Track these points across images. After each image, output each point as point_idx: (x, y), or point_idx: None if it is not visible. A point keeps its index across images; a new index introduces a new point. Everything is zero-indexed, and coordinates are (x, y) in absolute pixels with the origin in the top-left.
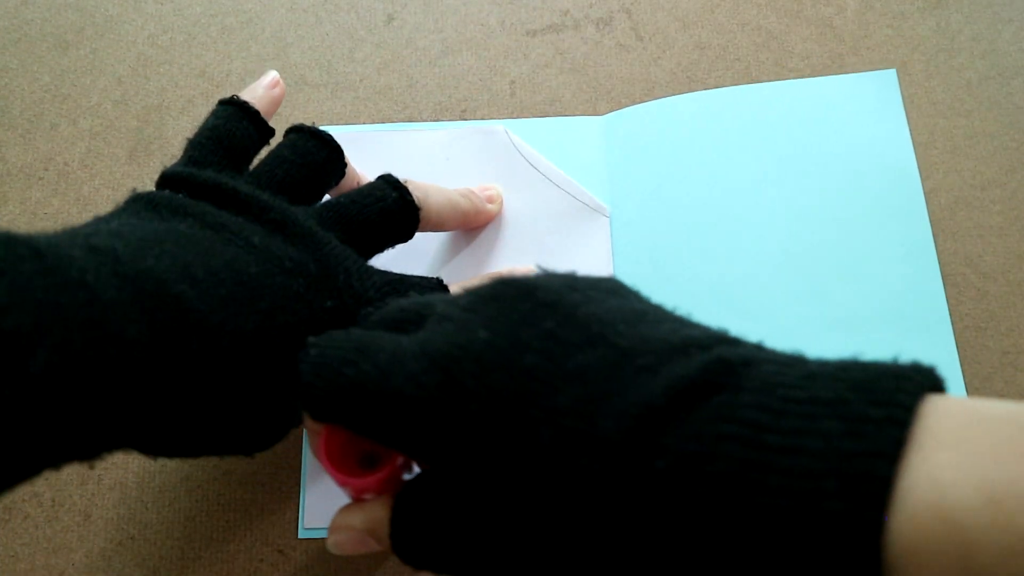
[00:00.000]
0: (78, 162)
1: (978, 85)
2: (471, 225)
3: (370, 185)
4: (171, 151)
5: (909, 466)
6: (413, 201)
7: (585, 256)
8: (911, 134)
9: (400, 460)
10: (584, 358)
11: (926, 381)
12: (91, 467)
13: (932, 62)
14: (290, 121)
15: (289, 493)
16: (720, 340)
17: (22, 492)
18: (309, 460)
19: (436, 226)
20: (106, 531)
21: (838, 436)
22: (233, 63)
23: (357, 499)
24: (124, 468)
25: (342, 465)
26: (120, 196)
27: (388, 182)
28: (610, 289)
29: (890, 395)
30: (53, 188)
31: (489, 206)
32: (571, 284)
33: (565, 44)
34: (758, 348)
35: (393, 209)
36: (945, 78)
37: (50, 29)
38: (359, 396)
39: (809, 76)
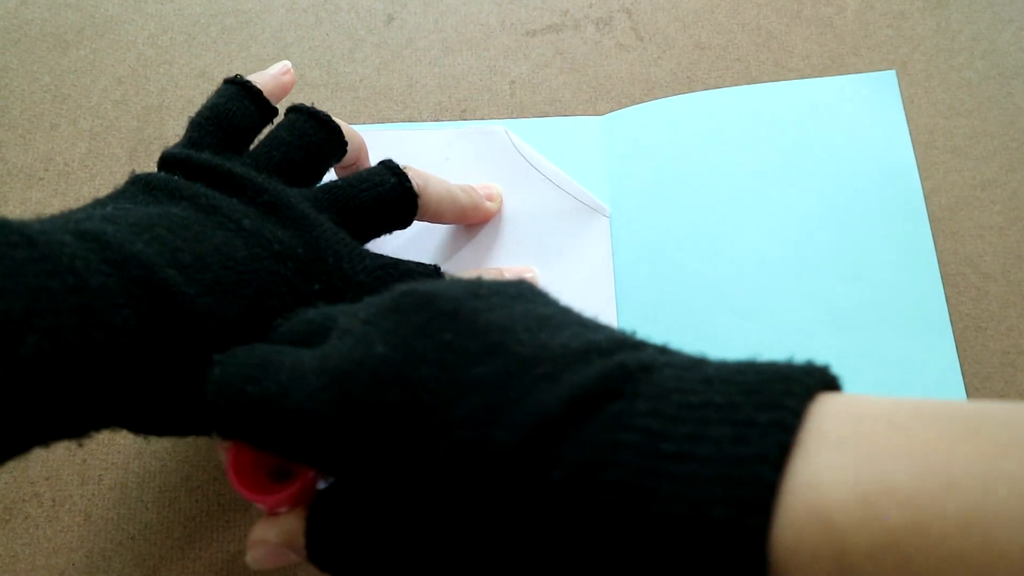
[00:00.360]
0: (78, 162)
1: (978, 85)
2: (469, 220)
3: (369, 170)
4: None
5: (792, 469)
6: (412, 188)
7: (585, 256)
8: (911, 134)
9: (311, 473)
10: (482, 369)
11: (816, 381)
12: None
13: (932, 62)
14: None
15: None
16: (622, 345)
17: (22, 492)
18: None
19: (434, 216)
20: (106, 531)
21: (727, 442)
22: (233, 63)
23: (272, 513)
24: (124, 468)
25: (253, 482)
26: None
27: (388, 167)
28: (516, 294)
29: (778, 398)
30: (53, 188)
31: (488, 204)
32: (474, 291)
33: (565, 44)
34: (661, 351)
35: (391, 195)
36: (945, 78)
37: (50, 29)
38: (261, 413)
39: (809, 76)
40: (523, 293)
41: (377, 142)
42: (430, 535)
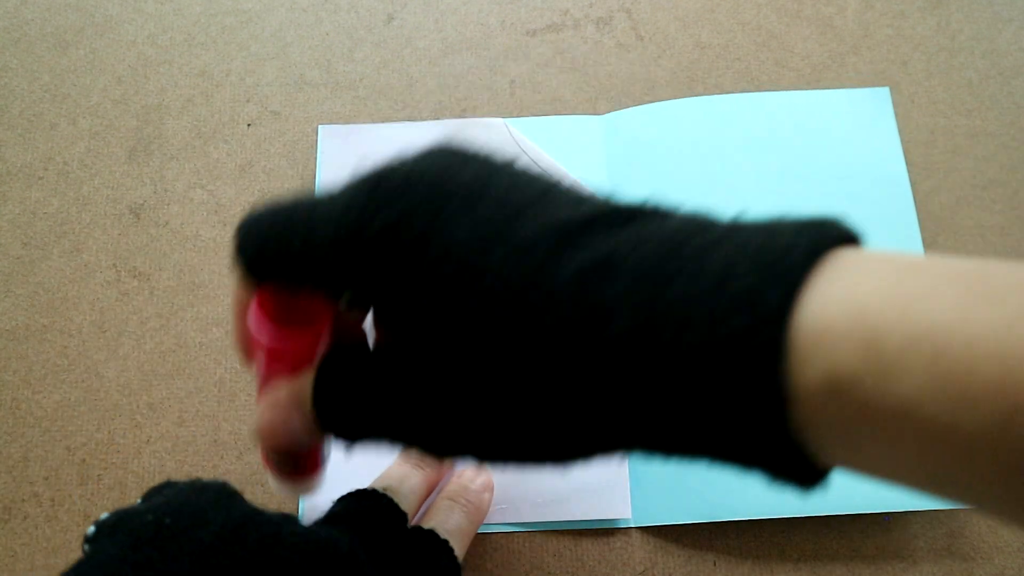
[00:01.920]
0: (78, 162)
1: (978, 85)
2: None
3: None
4: (170, 151)
5: (824, 272)
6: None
7: None
8: (911, 135)
9: (325, 329)
10: (509, 189)
11: (846, 231)
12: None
13: (932, 62)
14: (290, 121)
15: (290, 510)
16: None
17: (21, 492)
18: None
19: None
20: None
21: (756, 241)
22: (233, 63)
23: (276, 379)
24: (124, 468)
25: (272, 326)
26: (120, 196)
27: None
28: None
29: (808, 225)
30: (53, 188)
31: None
32: (508, 158)
33: (565, 44)
34: None
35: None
36: (945, 78)
37: (50, 29)
38: (293, 229)
39: (809, 75)
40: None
41: (376, 138)
42: (435, 361)
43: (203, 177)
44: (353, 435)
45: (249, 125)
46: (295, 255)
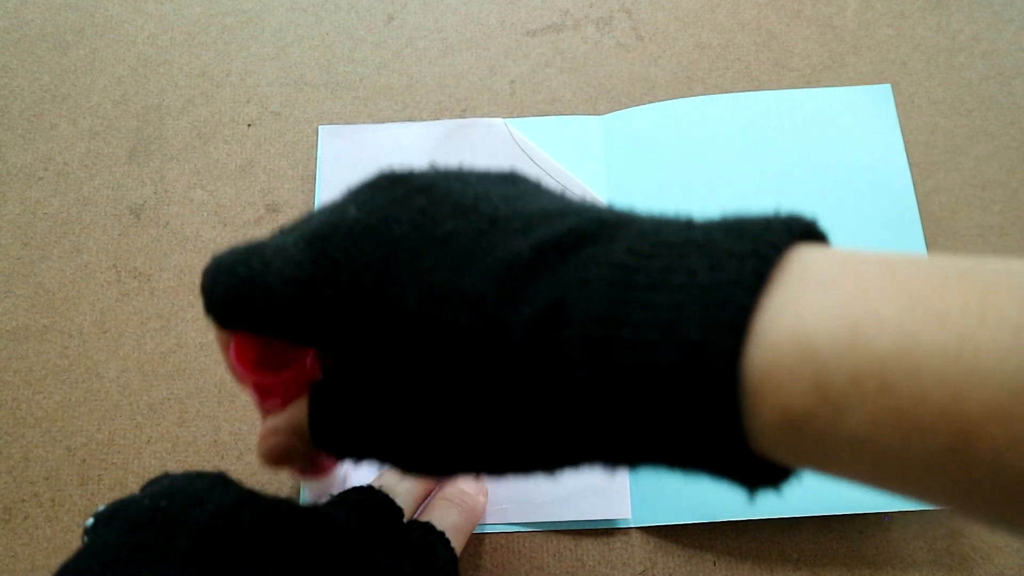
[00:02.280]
0: (78, 162)
1: (978, 85)
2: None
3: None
4: (171, 151)
5: (772, 299)
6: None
7: None
8: (912, 135)
9: (309, 360)
10: (453, 224)
11: (800, 228)
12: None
13: (932, 62)
14: (290, 121)
15: (288, 494)
16: (604, 208)
17: (22, 492)
18: None
19: None
20: None
21: (704, 270)
22: (233, 63)
23: (268, 411)
24: (124, 468)
25: (253, 368)
26: (120, 196)
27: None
28: (503, 177)
29: (760, 233)
30: (53, 188)
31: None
32: (454, 173)
33: (565, 44)
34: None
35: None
36: (945, 78)
37: (50, 29)
38: (249, 290)
39: (809, 75)
40: (511, 178)
41: (377, 137)
42: (411, 396)
43: (203, 177)
44: (349, 455)
45: (249, 125)
46: (257, 312)
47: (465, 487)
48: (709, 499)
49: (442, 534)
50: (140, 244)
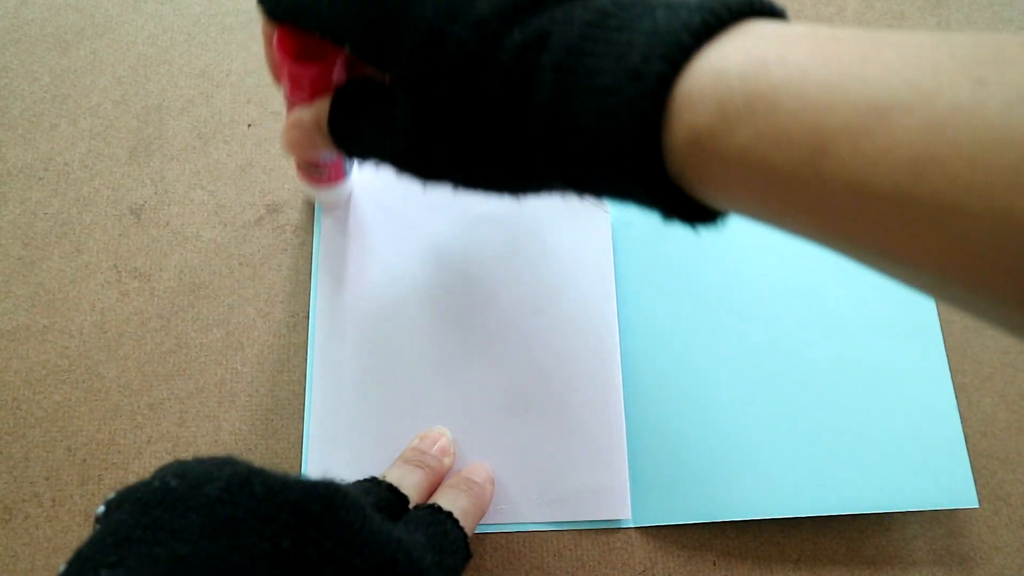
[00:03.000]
0: (78, 162)
1: None
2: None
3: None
4: (171, 151)
5: (714, 47)
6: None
7: (585, 255)
8: None
9: (338, 63)
10: None
11: (765, 8)
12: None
13: None
14: None
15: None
16: None
17: (22, 492)
18: (309, 460)
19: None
20: None
21: (663, 20)
22: (233, 63)
23: (300, 102)
24: (124, 469)
25: (294, 59)
26: (120, 196)
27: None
28: None
29: (720, 2)
30: (53, 188)
31: (445, 460)
32: None
33: None
34: None
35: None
36: None
37: (50, 29)
38: None
39: None
40: None
41: None
42: (412, 103)
43: (204, 178)
44: (359, 153)
45: (249, 126)
46: (303, 9)
47: (472, 476)
48: (709, 499)
49: (450, 513)
50: (140, 244)
